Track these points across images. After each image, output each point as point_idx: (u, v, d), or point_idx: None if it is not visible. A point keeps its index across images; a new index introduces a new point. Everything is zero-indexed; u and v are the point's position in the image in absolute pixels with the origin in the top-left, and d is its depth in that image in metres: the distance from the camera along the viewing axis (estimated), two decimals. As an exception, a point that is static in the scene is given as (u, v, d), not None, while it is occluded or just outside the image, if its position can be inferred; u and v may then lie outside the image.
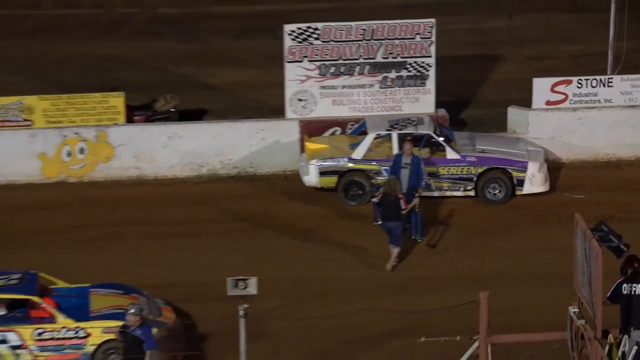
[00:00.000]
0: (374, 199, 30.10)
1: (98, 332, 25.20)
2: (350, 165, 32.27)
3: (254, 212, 32.46)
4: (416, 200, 29.70)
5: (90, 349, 25.12)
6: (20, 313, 25.40)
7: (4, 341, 24.84)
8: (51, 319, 25.23)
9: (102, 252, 30.09)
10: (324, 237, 31.14)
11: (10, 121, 33.61)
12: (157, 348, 23.49)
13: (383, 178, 31.05)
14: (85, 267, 28.16)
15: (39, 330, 25.12)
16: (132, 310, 23.52)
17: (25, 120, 33.64)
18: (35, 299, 25.45)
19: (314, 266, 29.61)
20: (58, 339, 25.11)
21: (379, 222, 29.75)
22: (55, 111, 33.67)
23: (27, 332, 25.07)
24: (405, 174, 30.31)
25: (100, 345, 25.20)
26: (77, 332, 25.16)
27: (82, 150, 33.79)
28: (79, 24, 43.87)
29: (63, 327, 25.13)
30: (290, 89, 33.81)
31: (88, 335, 25.09)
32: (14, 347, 24.96)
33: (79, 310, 25.58)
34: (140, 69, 39.01)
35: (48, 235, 31.10)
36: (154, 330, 24.07)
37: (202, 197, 33.16)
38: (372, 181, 31.80)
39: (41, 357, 25.15)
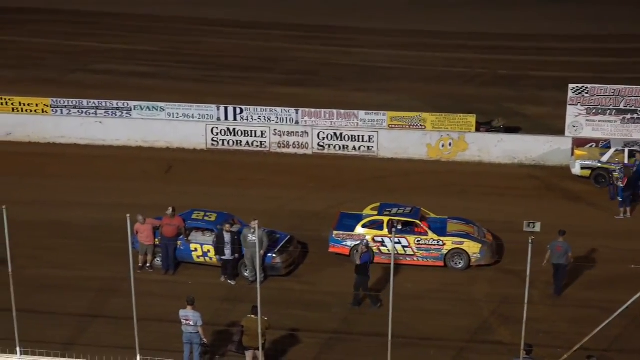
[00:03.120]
0: (620, 183, 28.84)
1: (450, 243, 25.21)
2: (599, 165, 30.89)
3: (542, 185, 31.54)
4: None
5: (444, 252, 25.20)
6: (409, 229, 25.56)
7: (399, 242, 25.11)
8: (425, 234, 25.35)
9: (451, 199, 29.61)
10: (581, 203, 29.98)
11: (412, 126, 33.72)
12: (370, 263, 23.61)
13: (617, 173, 29.33)
14: (443, 207, 27.67)
15: (418, 239, 25.30)
16: (364, 243, 23.47)
17: (421, 125, 33.69)
18: (417, 222, 25.59)
19: (572, 217, 28.50)
20: (428, 244, 25.26)
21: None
22: (438, 122, 33.58)
23: (411, 239, 25.28)
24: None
25: (449, 250, 25.20)
26: (438, 242, 25.25)
27: (450, 144, 33.49)
28: (455, 76, 43.56)
29: (431, 239, 25.24)
30: (569, 120, 32.60)
31: (444, 244, 25.15)
32: (404, 247, 25.23)
33: (440, 230, 25.58)
34: (484, 103, 38.34)
35: (423, 189, 30.85)
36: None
37: (511, 175, 32.31)
38: (613, 174, 29.97)
39: (418, 253, 25.27)
